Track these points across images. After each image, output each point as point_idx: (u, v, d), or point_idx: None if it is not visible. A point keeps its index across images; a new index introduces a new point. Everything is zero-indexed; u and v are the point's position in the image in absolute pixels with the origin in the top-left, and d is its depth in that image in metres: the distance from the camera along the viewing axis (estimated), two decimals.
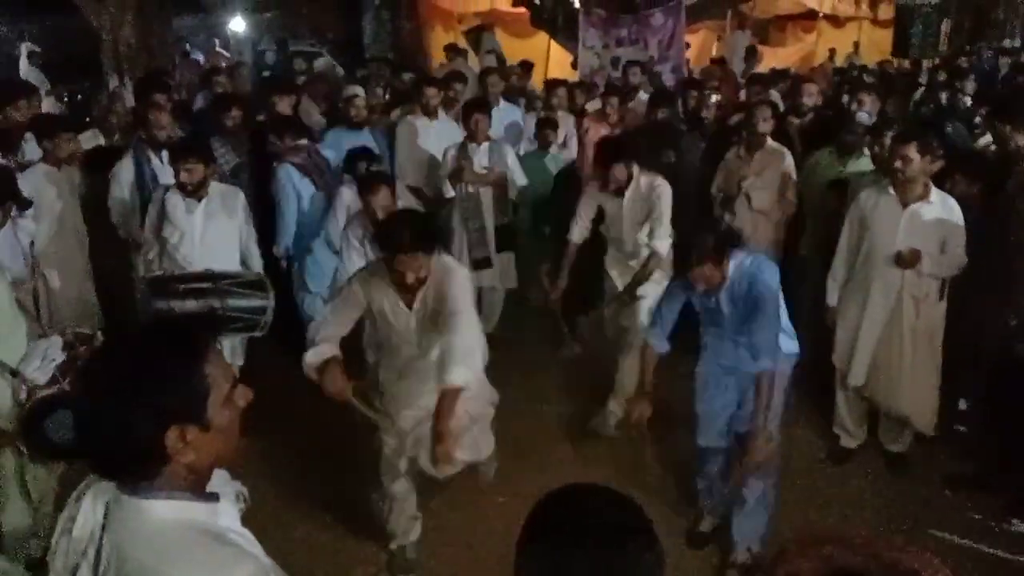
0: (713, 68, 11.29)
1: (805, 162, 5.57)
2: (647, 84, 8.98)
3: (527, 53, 12.81)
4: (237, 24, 17.70)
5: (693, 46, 14.73)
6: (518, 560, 1.32)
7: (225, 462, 1.57)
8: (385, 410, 3.60)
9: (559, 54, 12.54)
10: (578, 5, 11.50)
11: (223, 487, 1.61)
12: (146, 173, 5.18)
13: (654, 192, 4.61)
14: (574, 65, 10.92)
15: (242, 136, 5.87)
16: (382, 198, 4.37)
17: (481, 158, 5.70)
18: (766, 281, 3.45)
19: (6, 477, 3.42)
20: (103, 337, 3.18)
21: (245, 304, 4.35)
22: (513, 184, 5.82)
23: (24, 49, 11.65)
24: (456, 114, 6.40)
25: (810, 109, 6.51)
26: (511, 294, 6.16)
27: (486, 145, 5.72)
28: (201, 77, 9.40)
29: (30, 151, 5.39)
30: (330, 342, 3.38)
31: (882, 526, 4.05)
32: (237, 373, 1.56)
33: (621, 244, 4.78)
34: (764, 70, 11.17)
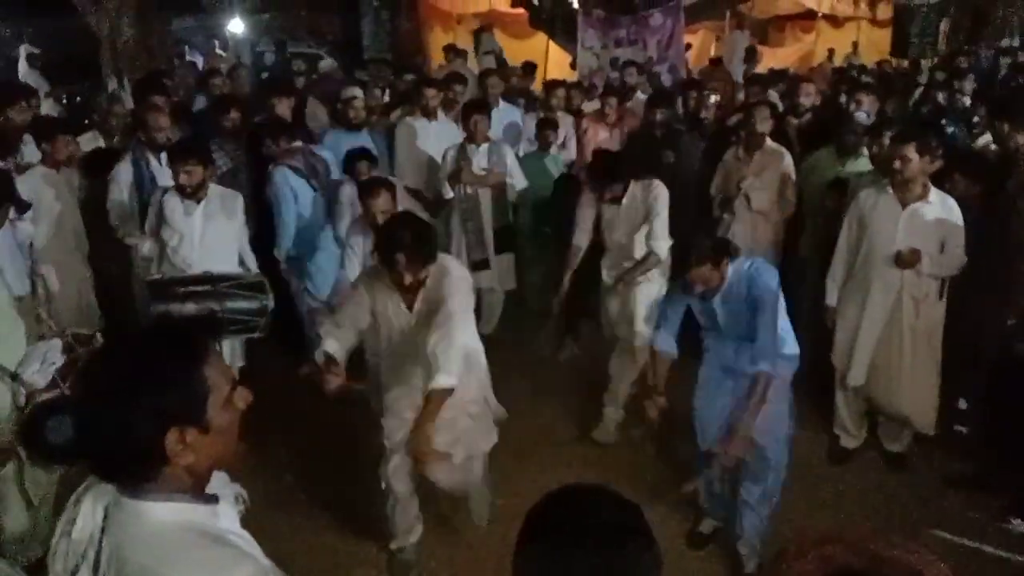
0: (711, 69, 11.31)
1: (804, 162, 5.56)
2: (646, 84, 8.98)
3: (526, 54, 12.82)
4: (236, 25, 17.71)
5: (692, 46, 14.74)
6: (516, 560, 1.33)
7: (225, 464, 1.57)
8: (386, 411, 3.60)
9: (558, 55, 12.55)
10: (577, 6, 11.51)
11: (222, 489, 1.61)
12: (145, 175, 5.16)
13: (650, 195, 4.60)
14: (573, 66, 10.93)
15: (240, 138, 5.87)
16: (383, 202, 4.36)
17: (480, 159, 5.70)
18: (766, 282, 3.45)
19: (5, 480, 3.40)
20: (103, 339, 3.18)
21: (244, 306, 4.35)
22: (512, 186, 5.83)
23: (23, 51, 11.66)
24: (456, 115, 6.39)
25: (808, 109, 6.51)
26: (510, 295, 6.16)
27: (485, 146, 5.72)
28: (199, 79, 9.40)
29: (29, 153, 5.39)
30: (341, 344, 3.42)
31: (882, 526, 4.05)
32: (237, 375, 1.56)
33: (619, 248, 4.78)
34: (763, 70, 11.19)
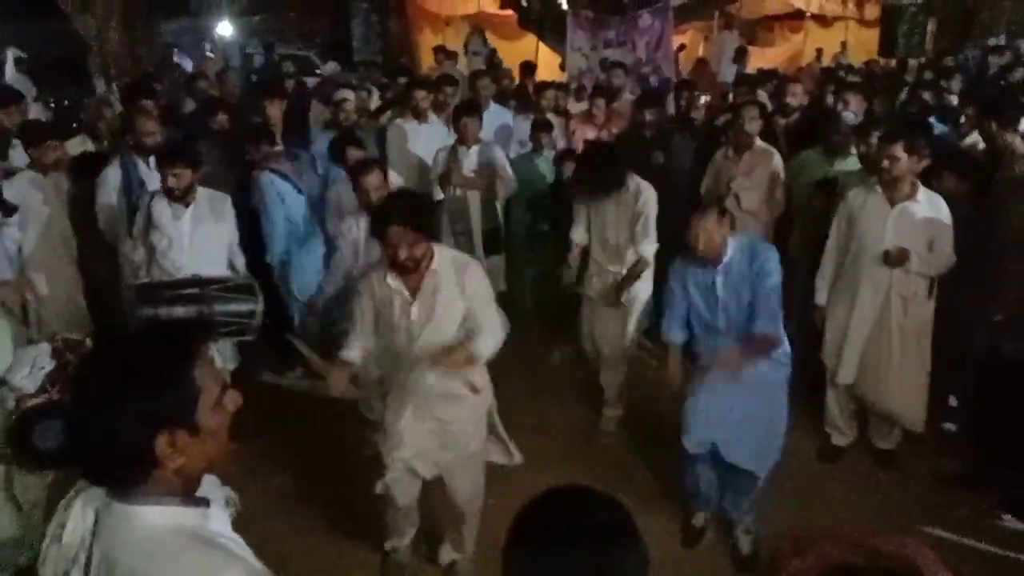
0: (696, 70, 11.36)
1: (792, 162, 5.58)
2: (634, 85, 8.99)
3: (515, 55, 12.81)
4: (224, 28, 17.68)
5: (685, 47, 14.77)
6: (505, 560, 1.34)
7: (215, 467, 1.56)
8: (387, 423, 3.51)
9: (547, 56, 12.54)
10: (566, 7, 11.52)
11: (213, 492, 1.61)
12: (133, 179, 5.14)
13: (640, 197, 4.61)
14: (562, 67, 10.93)
15: (229, 140, 5.85)
16: (374, 178, 4.39)
17: (470, 161, 5.70)
18: (768, 254, 3.59)
19: None
20: (92, 343, 3.16)
21: (234, 309, 4.34)
22: (503, 187, 5.82)
23: (10, 55, 11.60)
24: (447, 117, 6.38)
25: (795, 109, 6.53)
26: (499, 297, 6.15)
27: (476, 148, 5.71)
28: (187, 81, 9.38)
29: (16, 158, 5.36)
30: (361, 352, 3.42)
31: (873, 523, 4.06)
32: (227, 378, 1.55)
33: (606, 246, 4.77)
34: (751, 70, 11.22)
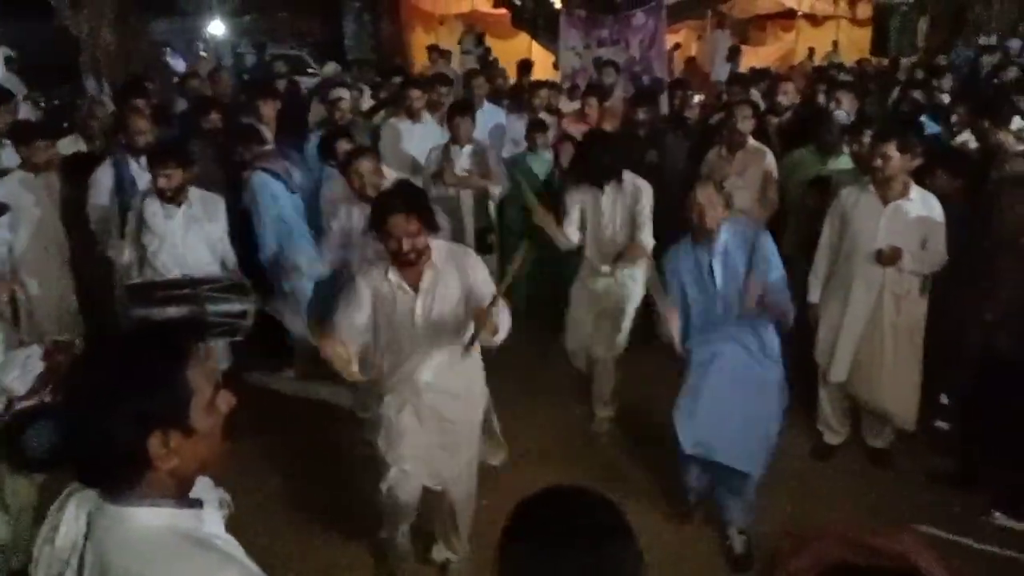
0: (687, 69, 11.37)
1: (785, 161, 5.59)
2: (628, 84, 8.99)
3: (508, 54, 12.83)
4: (216, 28, 17.64)
5: (680, 46, 14.80)
6: (499, 559, 1.34)
7: (209, 468, 1.56)
8: (386, 422, 3.44)
9: (541, 55, 12.55)
10: (559, 5, 11.51)
11: (206, 493, 1.61)
12: (126, 179, 5.12)
13: (638, 194, 4.62)
14: (556, 66, 10.93)
15: (221, 140, 5.83)
16: (366, 164, 4.39)
17: (463, 160, 5.69)
18: (763, 240, 3.74)
19: None
20: (83, 345, 3.15)
21: (226, 308, 4.32)
22: (495, 187, 5.80)
23: (0, 54, 11.54)
24: (440, 117, 6.37)
25: (787, 108, 6.54)
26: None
27: (469, 147, 5.71)
28: (179, 81, 9.36)
29: (7, 158, 5.34)
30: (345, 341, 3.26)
31: (866, 521, 4.07)
32: (220, 378, 1.55)
33: (602, 244, 4.75)
34: (744, 69, 11.24)
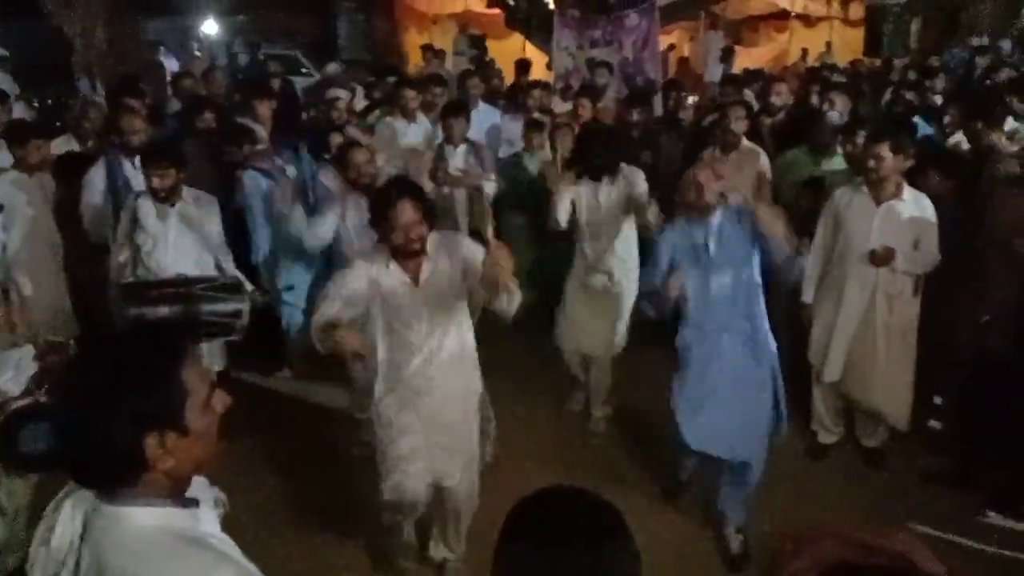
0: (682, 69, 11.39)
1: (778, 161, 5.60)
2: (621, 85, 9.01)
3: (502, 54, 12.82)
4: (209, 27, 17.59)
5: (676, 47, 14.82)
6: (496, 562, 1.34)
7: (204, 468, 1.56)
8: (386, 420, 3.38)
9: (534, 55, 12.55)
10: (552, 6, 11.51)
11: (202, 493, 1.61)
12: (119, 179, 5.11)
13: (630, 178, 4.65)
14: (549, 66, 10.93)
15: (215, 140, 5.82)
16: (360, 154, 4.41)
17: (457, 160, 5.69)
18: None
19: None
20: (77, 346, 3.14)
21: (221, 308, 4.31)
22: (488, 188, 5.79)
23: None
24: (435, 117, 6.38)
25: (780, 108, 6.55)
26: None
27: (463, 147, 5.72)
28: (172, 81, 9.33)
29: (2, 158, 5.31)
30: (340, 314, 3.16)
31: (860, 520, 4.09)
32: (215, 378, 1.55)
33: (597, 236, 4.72)
34: (737, 70, 11.26)
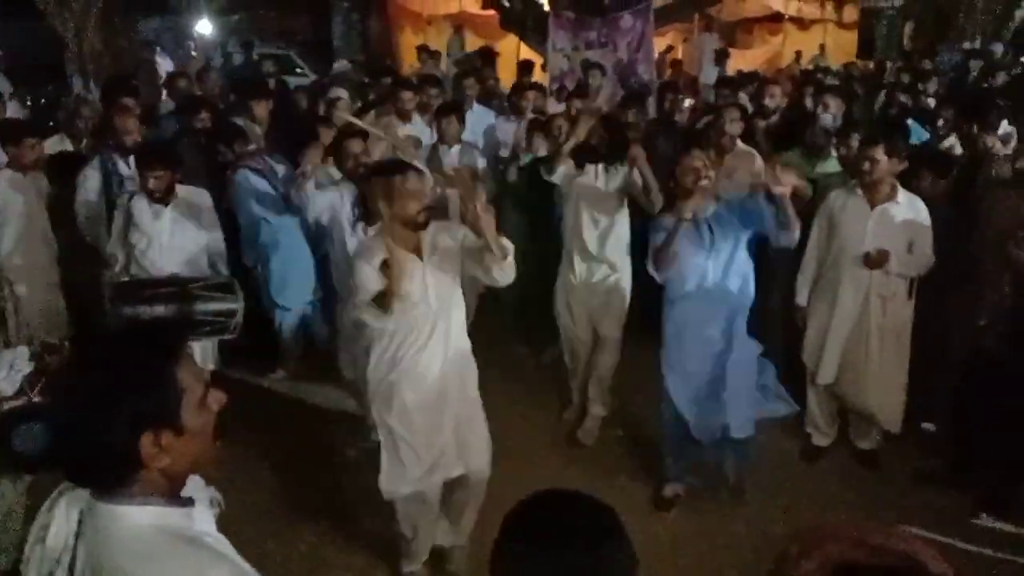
0: (676, 71, 11.41)
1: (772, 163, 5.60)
2: (616, 87, 9.02)
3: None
4: (204, 27, 17.54)
5: (661, 49, 14.80)
6: (494, 561, 1.34)
7: (200, 467, 1.56)
8: (401, 415, 3.33)
9: (529, 56, 12.55)
10: (547, 7, 11.51)
11: (198, 492, 1.61)
12: (113, 178, 5.11)
13: (625, 172, 4.63)
14: (544, 68, 10.93)
15: (209, 140, 5.80)
16: (356, 145, 4.46)
17: (451, 161, 5.69)
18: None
19: None
20: (71, 346, 3.14)
21: (214, 307, 4.30)
22: (481, 188, 5.79)
23: None
24: (430, 118, 6.37)
25: (773, 111, 6.56)
26: (483, 297, 6.14)
27: (457, 148, 5.72)
28: (166, 81, 9.31)
29: None
30: None
31: (855, 521, 4.09)
32: (209, 377, 1.55)
33: (597, 224, 4.68)
34: (731, 72, 11.28)
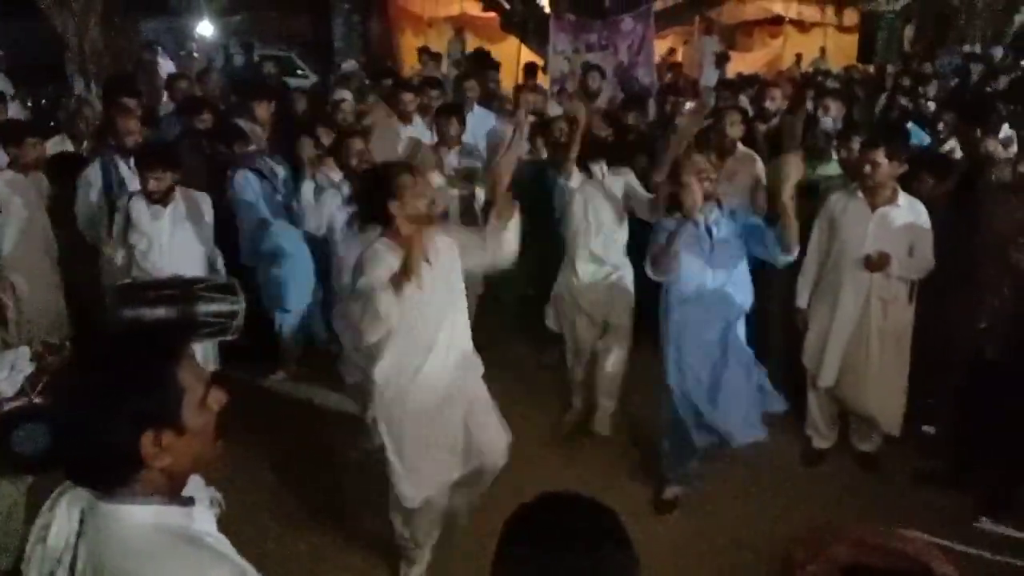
0: (678, 74, 11.42)
1: (772, 167, 5.60)
2: (616, 89, 9.02)
3: (497, 58, 12.76)
4: (204, 28, 17.54)
5: (661, 51, 14.81)
6: (495, 564, 1.34)
7: (202, 466, 1.56)
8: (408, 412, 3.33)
9: (530, 59, 12.56)
10: (548, 10, 11.52)
11: (198, 492, 1.62)
12: (114, 179, 5.11)
13: (627, 179, 4.64)
14: (544, 70, 10.94)
15: (210, 141, 5.81)
16: (359, 144, 4.48)
17: (451, 162, 5.70)
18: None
19: None
20: (72, 347, 3.14)
21: (215, 308, 4.30)
22: (482, 187, 5.79)
23: None
24: (430, 120, 6.38)
25: (774, 114, 6.56)
26: (484, 298, 6.14)
27: (456, 149, 5.73)
28: (166, 83, 9.31)
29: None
30: None
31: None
32: (210, 377, 1.56)
33: (600, 228, 4.69)
34: (731, 75, 11.29)
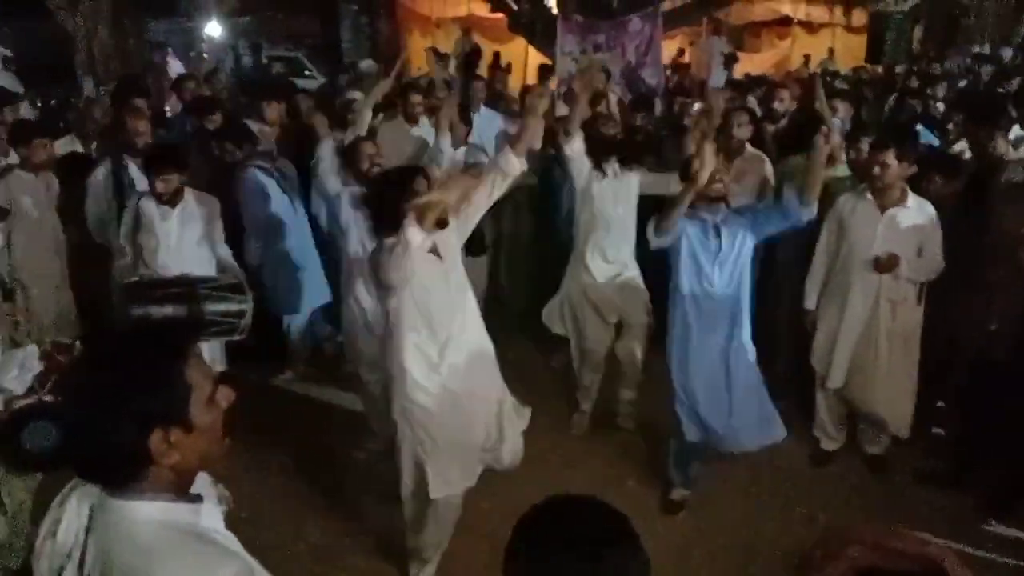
0: (681, 74, 11.40)
1: (781, 167, 5.59)
2: (624, 90, 9.02)
3: (505, 58, 12.80)
4: (213, 29, 17.60)
5: (669, 52, 14.79)
6: (506, 566, 1.34)
7: (210, 463, 1.57)
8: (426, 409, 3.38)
9: (537, 59, 12.56)
10: (555, 11, 11.51)
11: (206, 490, 1.63)
12: (123, 180, 5.13)
13: (640, 175, 4.74)
14: (552, 70, 10.93)
15: (215, 140, 5.81)
16: (371, 146, 4.53)
17: (457, 163, 5.69)
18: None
19: None
20: (81, 346, 3.15)
21: (223, 308, 4.32)
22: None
23: None
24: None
25: (782, 115, 6.55)
26: (490, 299, 6.14)
27: (463, 149, 5.72)
28: (174, 84, 9.34)
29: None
30: None
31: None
32: (218, 375, 1.56)
33: (611, 226, 4.72)
34: (739, 76, 11.27)
